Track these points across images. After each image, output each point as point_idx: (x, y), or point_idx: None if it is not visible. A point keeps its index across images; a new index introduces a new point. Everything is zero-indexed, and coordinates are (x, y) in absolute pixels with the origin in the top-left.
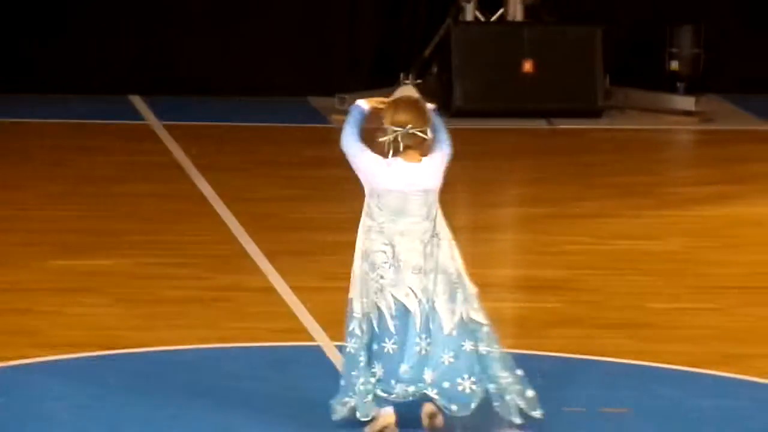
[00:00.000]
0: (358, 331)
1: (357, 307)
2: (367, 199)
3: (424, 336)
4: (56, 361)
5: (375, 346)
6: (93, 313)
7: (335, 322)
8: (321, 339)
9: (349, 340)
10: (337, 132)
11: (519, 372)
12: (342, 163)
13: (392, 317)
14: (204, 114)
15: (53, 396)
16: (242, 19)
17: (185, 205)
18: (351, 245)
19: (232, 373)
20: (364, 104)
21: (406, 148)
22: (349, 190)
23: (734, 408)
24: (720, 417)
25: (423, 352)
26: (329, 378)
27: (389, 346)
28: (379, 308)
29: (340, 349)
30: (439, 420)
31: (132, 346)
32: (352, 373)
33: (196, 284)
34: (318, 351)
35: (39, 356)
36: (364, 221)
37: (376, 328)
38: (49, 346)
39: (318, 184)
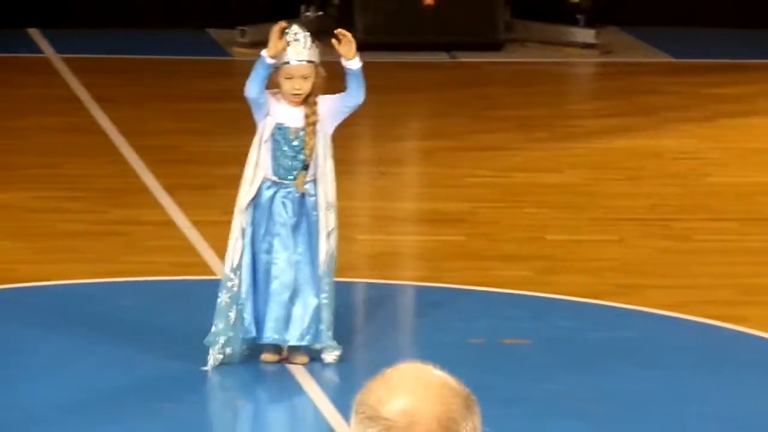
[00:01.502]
0: None
1: None
2: None
3: None
4: None
5: None
6: None
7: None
8: (220, 272)
9: None
10: (239, 64)
11: None
12: (241, 96)
13: None
14: (103, 46)
15: None
16: None
17: (83, 138)
18: None
19: (129, 307)
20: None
21: None
22: (247, 124)
23: (629, 338)
24: (616, 348)
25: None
26: None
27: None
28: None
29: None
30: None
31: (28, 280)
32: None
33: (93, 218)
34: (217, 284)
35: None
36: None
37: None
38: None
39: (218, 117)
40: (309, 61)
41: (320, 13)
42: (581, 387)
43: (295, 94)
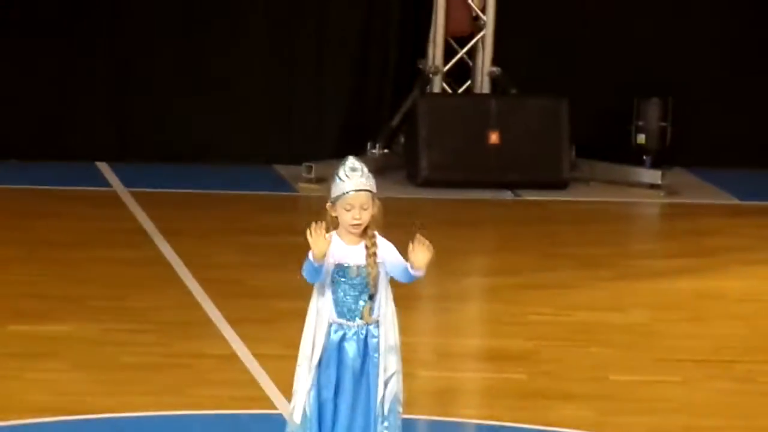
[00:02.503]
0: None
1: None
2: None
3: None
4: (16, 426)
5: None
6: (53, 379)
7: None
8: (282, 407)
9: None
10: (304, 200)
11: None
12: (305, 231)
13: None
14: (169, 180)
15: None
16: (208, 86)
17: (148, 270)
18: None
19: None
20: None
21: None
22: None
23: None
24: None
25: None
26: None
27: None
28: None
29: None
30: None
31: (94, 412)
32: None
33: (158, 350)
34: (279, 419)
35: (1, 421)
36: None
37: None
38: (8, 411)
39: (282, 252)
40: (367, 190)
41: (386, 150)
42: None
43: (354, 224)
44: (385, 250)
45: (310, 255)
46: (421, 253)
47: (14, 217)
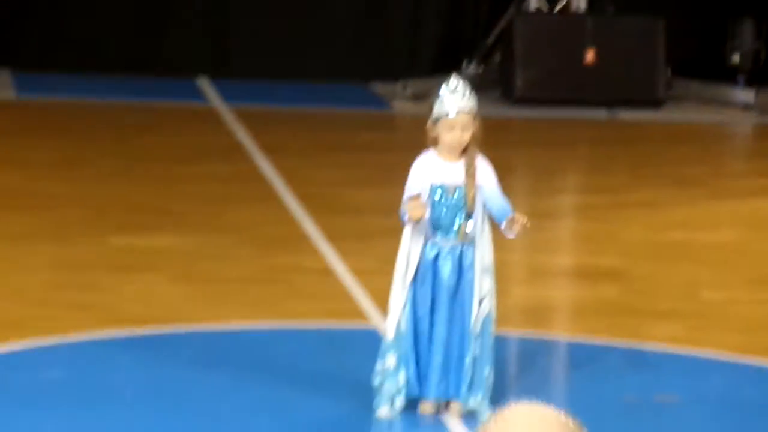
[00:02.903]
0: None
1: None
2: None
3: None
4: (117, 336)
5: None
6: (153, 291)
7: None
8: (376, 322)
9: None
10: (400, 117)
11: None
12: (403, 148)
13: None
14: (267, 97)
15: (115, 371)
16: (307, 4)
17: (246, 186)
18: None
19: (289, 352)
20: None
21: None
22: (407, 175)
23: None
24: None
25: None
26: None
27: None
28: None
29: None
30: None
31: (191, 323)
32: None
33: (254, 264)
34: (374, 333)
35: (100, 332)
36: None
37: None
38: (109, 321)
39: (379, 168)
40: (468, 111)
41: (481, 68)
42: None
43: (456, 144)
44: (485, 174)
45: (405, 215)
46: (519, 228)
47: (114, 131)
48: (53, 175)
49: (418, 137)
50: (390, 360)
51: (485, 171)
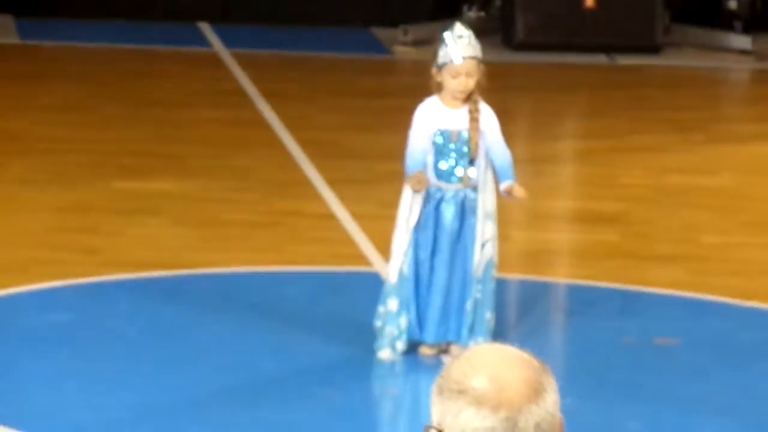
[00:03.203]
0: None
1: None
2: None
3: None
4: (121, 280)
5: None
6: (155, 234)
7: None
8: (379, 265)
9: None
10: (401, 63)
11: None
12: (403, 93)
13: None
14: (268, 42)
15: (119, 314)
16: None
17: (248, 131)
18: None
19: (291, 296)
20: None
21: None
22: (408, 121)
23: None
24: (767, 349)
25: None
26: None
27: None
28: None
29: None
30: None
31: (193, 267)
32: None
33: (257, 208)
34: (376, 277)
35: (104, 275)
36: None
37: None
38: (113, 265)
39: (380, 114)
40: (473, 57)
41: (482, 13)
42: (731, 386)
43: (460, 91)
44: (488, 120)
45: (408, 182)
46: (515, 199)
47: (118, 76)
48: (56, 120)
49: (418, 82)
50: (392, 303)
51: (489, 118)
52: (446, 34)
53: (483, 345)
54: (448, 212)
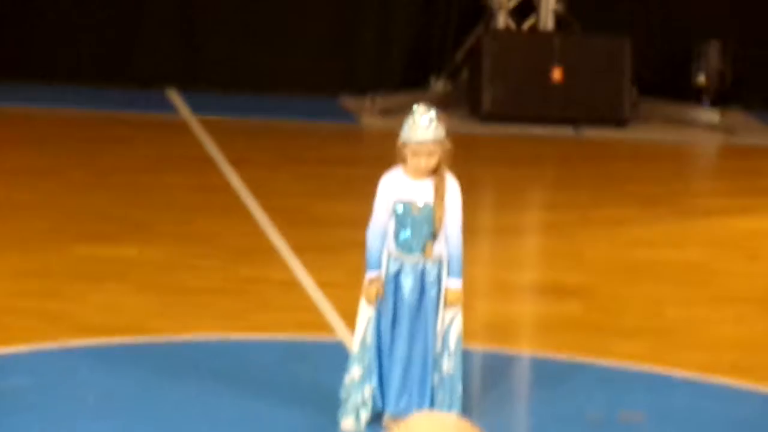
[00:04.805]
0: None
1: None
2: None
3: None
4: (81, 346)
5: None
6: (118, 301)
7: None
8: (343, 334)
9: None
10: (368, 131)
11: None
12: (370, 162)
13: None
14: (236, 109)
15: (80, 379)
16: (274, 15)
17: (213, 197)
18: None
19: (255, 363)
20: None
21: None
22: (374, 190)
23: (746, 417)
24: (731, 425)
25: None
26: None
27: None
28: None
29: None
30: None
31: (156, 333)
32: None
33: (221, 275)
34: (339, 346)
35: (65, 340)
36: None
37: None
38: (75, 330)
39: (346, 182)
40: (434, 140)
41: (449, 83)
42: None
43: (420, 170)
44: (452, 199)
45: (363, 292)
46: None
47: (84, 141)
48: (20, 184)
49: (385, 151)
50: (355, 372)
51: (453, 197)
52: (412, 112)
53: (422, 413)
54: (407, 284)
